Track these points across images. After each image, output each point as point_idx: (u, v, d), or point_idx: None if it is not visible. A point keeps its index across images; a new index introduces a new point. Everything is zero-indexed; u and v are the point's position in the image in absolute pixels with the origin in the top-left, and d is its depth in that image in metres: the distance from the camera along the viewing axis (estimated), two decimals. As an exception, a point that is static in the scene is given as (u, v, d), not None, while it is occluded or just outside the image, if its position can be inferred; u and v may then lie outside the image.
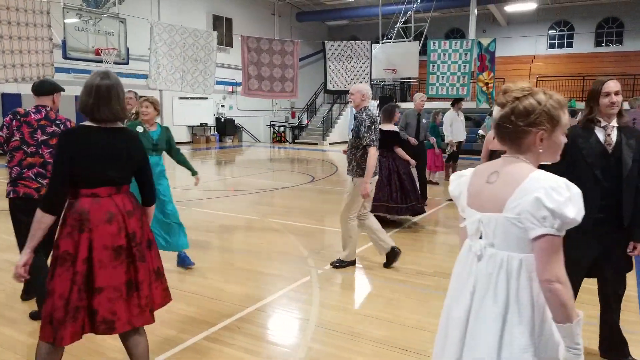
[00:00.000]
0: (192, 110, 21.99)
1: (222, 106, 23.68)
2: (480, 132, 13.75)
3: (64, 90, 3.77)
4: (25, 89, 15.06)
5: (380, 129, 6.77)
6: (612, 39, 23.27)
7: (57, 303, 2.29)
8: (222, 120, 23.19)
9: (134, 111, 6.44)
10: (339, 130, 24.25)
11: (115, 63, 12.51)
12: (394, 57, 18.22)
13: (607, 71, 19.44)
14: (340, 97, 23.90)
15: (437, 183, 10.54)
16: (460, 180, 1.77)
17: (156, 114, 4.69)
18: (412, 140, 7.41)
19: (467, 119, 11.13)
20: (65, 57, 12.01)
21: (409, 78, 21.46)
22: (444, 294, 1.85)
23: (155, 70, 14.19)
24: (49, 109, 3.55)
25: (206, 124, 22.67)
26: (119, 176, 2.43)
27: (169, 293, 2.67)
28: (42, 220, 2.29)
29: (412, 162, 6.75)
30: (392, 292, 4.34)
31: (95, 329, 2.35)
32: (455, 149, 10.35)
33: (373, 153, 4.60)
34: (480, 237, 1.65)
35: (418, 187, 6.86)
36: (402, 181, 6.59)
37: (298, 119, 25.60)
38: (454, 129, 10.15)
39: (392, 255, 4.94)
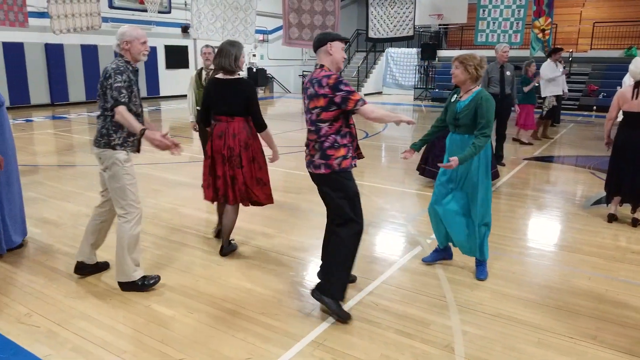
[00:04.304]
0: (224, 60, 21.39)
1: (254, 55, 23.00)
2: None
3: (346, 40, 3.13)
4: (68, 39, 14.76)
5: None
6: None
7: (202, 178, 4.08)
8: (254, 70, 22.58)
9: (212, 67, 6.12)
10: (374, 80, 23.52)
11: (159, 12, 11.97)
12: (440, 1, 17.24)
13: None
14: (375, 45, 23.03)
15: (530, 144, 9.80)
16: None
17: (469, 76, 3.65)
18: None
19: (516, 68, 10.43)
20: (110, 6, 11.54)
21: (451, 24, 20.43)
22: (570, 267, 1.55)
23: (197, 20, 13.66)
24: (318, 66, 3.09)
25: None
26: (229, 110, 3.84)
27: (269, 197, 4.07)
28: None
29: None
30: (513, 265, 4.09)
31: (219, 199, 4.03)
32: (555, 103, 9.70)
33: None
34: None
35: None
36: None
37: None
38: (553, 81, 9.53)
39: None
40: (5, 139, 4.01)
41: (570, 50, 18.00)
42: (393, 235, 4.82)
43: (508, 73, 7.39)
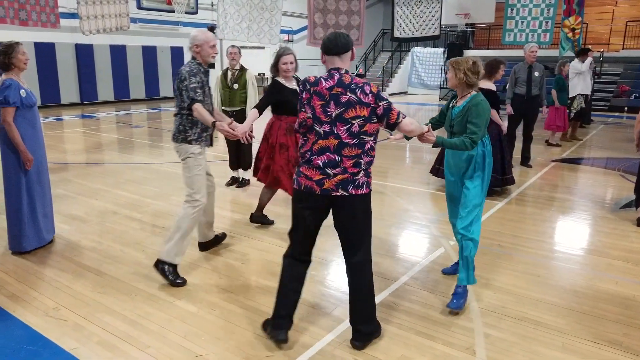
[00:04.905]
0: (249, 61, 21.53)
1: (279, 55, 23.05)
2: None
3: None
4: (98, 40, 15.11)
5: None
6: None
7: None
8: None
9: (237, 67, 6.18)
10: (399, 80, 23.38)
11: (186, 13, 12.14)
12: (467, 0, 17.04)
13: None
14: (400, 44, 22.90)
15: (558, 145, 9.63)
16: None
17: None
18: (504, 127, 6.06)
19: (546, 68, 10.18)
20: (139, 7, 11.77)
21: (475, 24, 20.17)
22: (597, 271, 1.49)
23: (223, 20, 13.82)
24: (343, 71, 2.73)
25: (264, 74, 22.29)
26: None
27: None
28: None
29: (504, 127, 6.09)
30: (538, 268, 4.02)
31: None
32: (583, 105, 9.53)
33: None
34: None
35: (507, 158, 6.18)
36: None
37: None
38: (582, 81, 9.39)
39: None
40: (37, 139, 4.13)
41: (601, 50, 17.57)
42: (416, 236, 4.79)
43: (536, 74, 7.26)
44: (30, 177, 4.10)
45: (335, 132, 2.66)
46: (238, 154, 6.24)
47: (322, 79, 2.70)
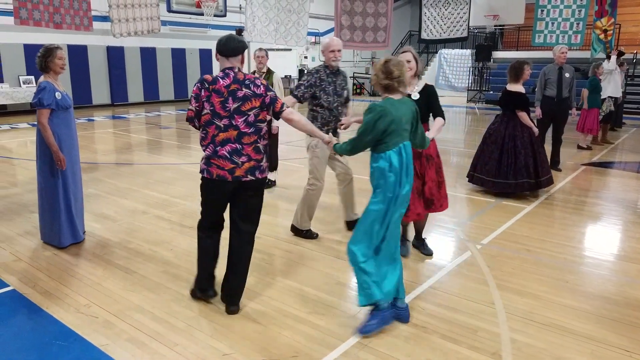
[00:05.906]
0: (276, 62, 21.75)
1: (305, 57, 23.22)
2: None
3: (247, 47, 3.24)
4: (128, 42, 15.46)
5: (505, 89, 6.14)
6: None
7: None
8: (305, 72, 22.75)
9: (264, 70, 6.25)
10: (426, 81, 23.15)
11: (215, 15, 12.33)
12: (496, 2, 16.81)
13: None
14: (427, 46, 22.72)
15: (589, 148, 9.46)
16: None
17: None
18: (535, 130, 5.98)
19: (576, 70, 9.96)
20: (169, 10, 12.00)
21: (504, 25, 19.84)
22: (628, 277, 1.44)
23: (251, 23, 13.95)
24: (236, 70, 3.07)
25: (290, 76, 22.43)
26: None
27: None
28: None
29: (535, 130, 6.00)
30: (566, 273, 3.94)
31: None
32: (612, 108, 9.33)
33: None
34: None
35: (541, 160, 6.03)
36: (516, 154, 5.89)
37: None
38: (612, 83, 9.23)
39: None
40: (72, 140, 4.27)
41: (635, 52, 17.10)
42: (442, 240, 4.75)
43: (567, 75, 7.13)
44: (67, 176, 4.24)
45: (234, 124, 3.00)
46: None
47: (219, 78, 3.00)
